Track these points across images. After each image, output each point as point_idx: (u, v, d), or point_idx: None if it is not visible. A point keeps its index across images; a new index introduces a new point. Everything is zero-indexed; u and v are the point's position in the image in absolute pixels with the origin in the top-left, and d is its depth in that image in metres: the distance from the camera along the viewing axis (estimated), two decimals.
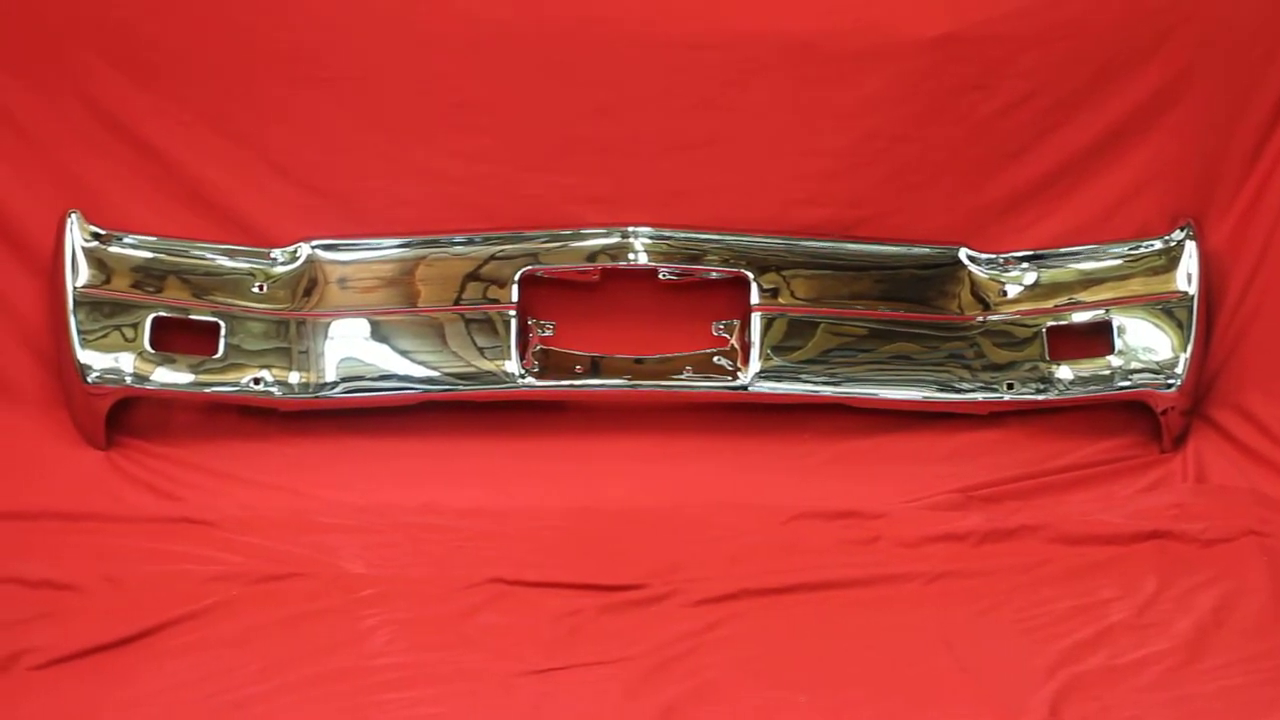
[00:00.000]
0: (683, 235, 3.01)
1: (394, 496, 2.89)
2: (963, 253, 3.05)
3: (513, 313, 2.99)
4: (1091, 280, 3.04)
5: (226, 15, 2.96)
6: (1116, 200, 3.06)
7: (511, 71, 2.99)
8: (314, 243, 2.99)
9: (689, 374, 3.01)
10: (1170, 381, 2.99)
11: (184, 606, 2.49)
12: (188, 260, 2.97)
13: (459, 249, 3.01)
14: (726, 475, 2.98)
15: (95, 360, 2.91)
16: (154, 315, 2.94)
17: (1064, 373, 3.02)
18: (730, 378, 3.01)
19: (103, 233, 2.94)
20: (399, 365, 2.98)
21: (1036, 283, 3.05)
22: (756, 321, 3.00)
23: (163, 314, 2.95)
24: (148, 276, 2.95)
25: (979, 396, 3.02)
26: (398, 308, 3.00)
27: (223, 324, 2.96)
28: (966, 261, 3.05)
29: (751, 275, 3.00)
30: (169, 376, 2.94)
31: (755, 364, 2.99)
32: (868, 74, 2.99)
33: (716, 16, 2.99)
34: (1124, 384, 3.00)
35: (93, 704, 2.28)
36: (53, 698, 2.29)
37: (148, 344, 2.93)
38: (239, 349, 2.96)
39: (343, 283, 3.00)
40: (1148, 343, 3.01)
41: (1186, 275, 3.00)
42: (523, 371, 2.98)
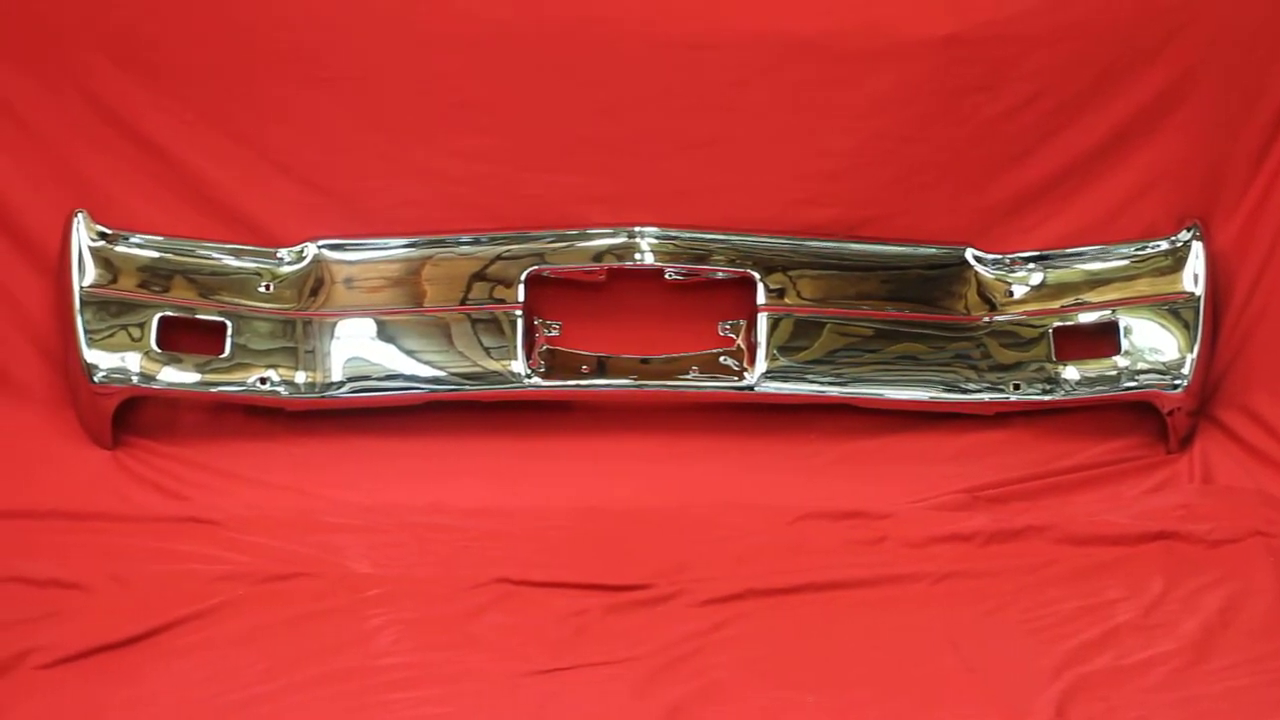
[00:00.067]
0: (689, 235, 3.01)
1: (400, 496, 2.89)
2: (969, 253, 3.05)
3: (519, 313, 2.99)
4: (1098, 281, 3.04)
5: (228, 15, 2.96)
6: (1123, 201, 3.06)
7: (513, 71, 2.98)
8: (320, 242, 2.99)
9: (695, 374, 3.01)
10: (1177, 382, 2.98)
11: (190, 606, 2.49)
12: (194, 260, 2.97)
13: (465, 249, 3.01)
14: (733, 475, 2.98)
15: (102, 360, 2.91)
16: (160, 315, 2.94)
17: (1070, 373, 3.02)
18: (736, 378, 3.00)
19: (109, 232, 2.94)
20: (405, 365, 2.98)
21: (1043, 283, 3.05)
22: (762, 322, 3.00)
23: (169, 313, 2.94)
24: (154, 276, 2.95)
25: (985, 397, 3.02)
26: (404, 307, 2.99)
27: (229, 324, 2.96)
28: (973, 262, 3.05)
29: (758, 275, 3.00)
30: (175, 376, 2.93)
31: (761, 364, 2.99)
32: (873, 74, 2.99)
33: (720, 16, 2.99)
34: (1130, 385, 3.00)
35: (99, 703, 2.28)
36: (59, 697, 2.29)
37: (154, 343, 2.92)
38: (245, 349, 2.96)
39: (349, 282, 3.00)
40: (1154, 343, 3.00)
41: (1193, 276, 3.00)
42: (529, 371, 2.98)
